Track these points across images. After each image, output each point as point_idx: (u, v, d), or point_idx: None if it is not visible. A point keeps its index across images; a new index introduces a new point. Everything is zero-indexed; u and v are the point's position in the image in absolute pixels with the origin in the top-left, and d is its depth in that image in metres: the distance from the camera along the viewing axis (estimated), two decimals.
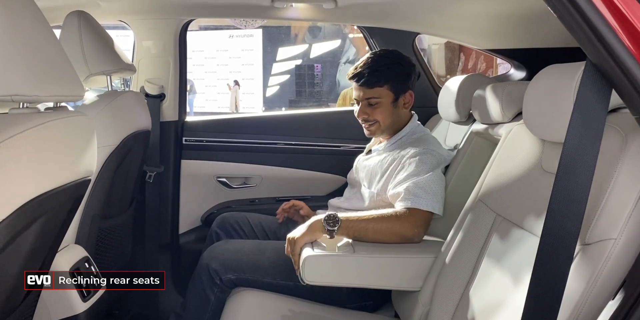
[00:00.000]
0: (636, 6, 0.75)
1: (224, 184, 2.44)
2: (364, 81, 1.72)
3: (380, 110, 1.73)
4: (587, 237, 0.86)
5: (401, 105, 1.76)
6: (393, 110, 1.74)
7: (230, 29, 10.89)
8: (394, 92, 1.72)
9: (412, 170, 1.59)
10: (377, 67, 1.71)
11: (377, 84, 1.71)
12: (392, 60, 1.74)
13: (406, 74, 1.75)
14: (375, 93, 1.72)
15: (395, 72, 1.72)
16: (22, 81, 0.85)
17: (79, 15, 1.63)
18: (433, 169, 1.60)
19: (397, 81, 1.72)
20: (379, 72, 1.71)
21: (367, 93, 1.73)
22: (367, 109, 1.74)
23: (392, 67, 1.73)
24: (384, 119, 1.74)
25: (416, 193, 1.54)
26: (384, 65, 1.72)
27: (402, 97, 1.75)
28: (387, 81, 1.71)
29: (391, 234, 1.48)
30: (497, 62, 5.44)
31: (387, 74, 1.71)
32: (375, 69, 1.71)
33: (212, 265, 1.63)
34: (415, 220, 1.51)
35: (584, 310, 0.83)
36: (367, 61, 1.74)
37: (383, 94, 1.72)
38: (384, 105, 1.73)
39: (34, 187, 0.86)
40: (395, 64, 1.74)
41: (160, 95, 2.34)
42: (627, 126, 0.87)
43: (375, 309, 1.68)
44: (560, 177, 0.82)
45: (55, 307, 1.34)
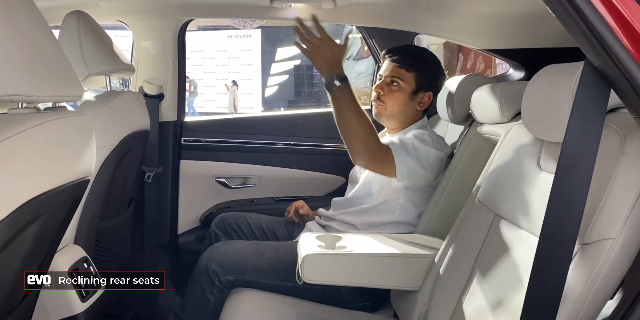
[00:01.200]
0: (635, 6, 0.75)
1: (223, 184, 2.44)
2: (399, 58, 1.75)
3: (396, 94, 1.76)
4: (586, 236, 0.86)
5: (417, 101, 1.78)
6: (407, 101, 1.77)
7: (229, 29, 10.88)
8: (417, 84, 1.76)
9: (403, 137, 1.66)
10: (417, 54, 1.77)
11: (408, 67, 1.75)
12: (431, 57, 1.81)
13: (436, 75, 1.80)
14: (401, 74, 1.75)
15: (428, 65, 1.77)
16: (21, 81, 0.85)
17: (78, 16, 1.63)
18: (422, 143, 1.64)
19: (424, 75, 1.76)
20: (417, 58, 1.76)
21: (394, 71, 1.76)
22: (386, 87, 1.77)
23: (427, 61, 1.78)
24: (393, 105, 1.77)
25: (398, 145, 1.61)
26: (423, 56, 1.78)
27: (421, 93, 1.78)
28: (418, 69, 1.75)
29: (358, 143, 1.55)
30: (496, 62, 5.45)
31: (420, 63, 1.76)
32: (413, 55, 1.76)
33: (211, 266, 1.63)
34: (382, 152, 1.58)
35: (582, 309, 0.84)
36: (411, 46, 1.82)
37: (407, 80, 1.75)
38: (402, 91, 1.76)
39: (32, 187, 0.86)
40: (432, 62, 1.80)
41: (159, 96, 2.34)
42: (625, 126, 0.87)
43: (374, 309, 1.68)
44: (559, 177, 0.83)
45: (54, 307, 1.34)
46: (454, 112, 1.89)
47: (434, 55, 1.85)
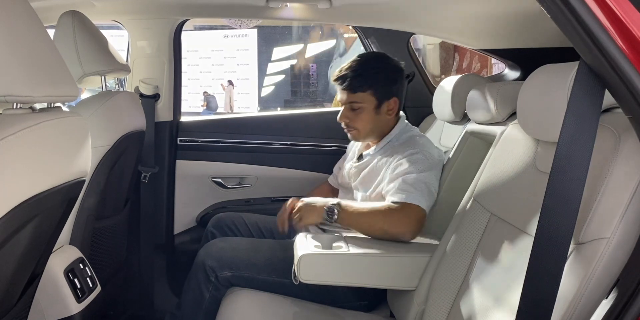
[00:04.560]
0: (629, 6, 0.76)
1: (219, 184, 2.44)
2: (347, 85, 1.67)
3: (361, 116, 1.68)
4: (581, 236, 0.86)
5: (384, 111, 1.70)
6: (375, 116, 1.69)
7: (225, 29, 10.86)
8: (377, 98, 1.67)
9: (402, 169, 1.58)
10: (362, 71, 1.66)
11: (359, 89, 1.66)
12: (379, 64, 1.69)
13: (392, 79, 1.70)
14: (357, 98, 1.67)
15: (380, 77, 1.67)
16: (16, 82, 0.85)
17: (73, 15, 1.63)
18: (425, 170, 1.58)
19: (381, 87, 1.67)
20: (363, 76, 1.65)
21: (349, 97, 1.68)
22: (349, 113, 1.70)
23: (377, 72, 1.67)
24: (364, 126, 1.70)
25: (405, 188, 1.53)
26: (369, 69, 1.66)
27: (385, 103, 1.69)
28: (371, 86, 1.66)
29: (380, 230, 1.50)
30: (492, 62, 5.46)
31: (371, 79, 1.66)
32: (359, 73, 1.66)
33: (208, 262, 1.63)
34: (404, 216, 1.49)
35: (577, 309, 0.84)
36: (353, 64, 1.68)
37: (366, 99, 1.67)
38: (365, 111, 1.68)
39: (27, 187, 0.85)
40: (381, 69, 1.68)
41: (155, 96, 2.33)
42: (620, 126, 0.88)
43: (371, 308, 1.68)
44: (554, 176, 0.83)
45: (50, 308, 1.34)
46: (449, 112, 1.90)
47: (383, 58, 1.73)
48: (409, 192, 1.52)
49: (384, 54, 1.76)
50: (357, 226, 1.53)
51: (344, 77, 1.67)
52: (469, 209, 1.35)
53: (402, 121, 1.78)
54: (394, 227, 1.48)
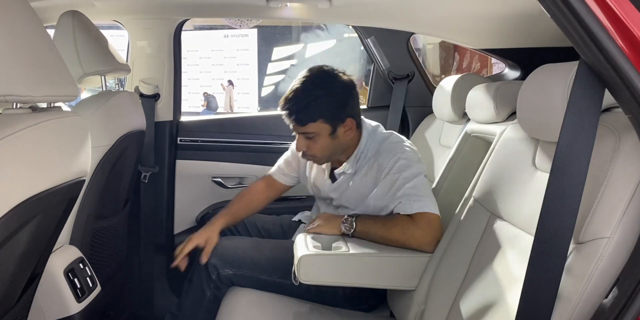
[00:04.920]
0: (629, 6, 0.76)
1: (219, 184, 2.44)
2: (294, 119, 1.56)
3: (318, 143, 1.58)
4: (581, 236, 0.86)
5: (341, 134, 1.58)
6: (332, 141, 1.58)
7: (225, 29, 10.85)
8: (330, 124, 1.56)
9: (397, 182, 1.53)
10: (307, 103, 1.53)
11: (309, 121, 1.54)
12: (322, 91, 1.55)
13: (342, 102, 1.57)
14: (309, 129, 1.56)
15: (326, 104, 1.54)
16: (16, 81, 0.85)
17: (73, 15, 1.63)
18: (417, 174, 1.55)
19: (331, 113, 1.55)
20: (309, 108, 1.53)
21: (301, 129, 1.57)
22: (305, 142, 1.59)
23: (323, 100, 1.54)
24: (322, 153, 1.61)
25: (411, 199, 1.50)
26: (315, 99, 1.53)
27: (340, 127, 1.57)
28: (320, 116, 1.54)
29: (401, 245, 1.48)
30: (492, 62, 5.46)
31: (319, 108, 1.53)
32: (304, 106, 1.53)
33: (211, 259, 1.63)
34: (422, 228, 1.46)
35: (577, 308, 0.84)
36: (296, 95, 1.55)
37: (318, 128, 1.55)
38: (321, 138, 1.57)
39: (27, 187, 0.85)
40: (328, 94, 1.55)
41: (155, 95, 2.33)
42: (620, 125, 0.88)
43: (371, 308, 1.68)
44: (554, 176, 0.83)
45: (50, 308, 1.34)
46: (449, 112, 1.90)
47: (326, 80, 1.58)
48: (416, 202, 1.49)
49: (329, 72, 1.61)
50: (375, 240, 1.51)
51: (289, 111, 1.56)
52: (468, 208, 1.35)
53: (365, 133, 1.66)
54: (415, 241, 1.46)
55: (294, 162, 1.89)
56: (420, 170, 1.57)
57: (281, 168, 1.92)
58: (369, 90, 2.62)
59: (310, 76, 1.59)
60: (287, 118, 1.58)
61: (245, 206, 1.87)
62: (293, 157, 1.88)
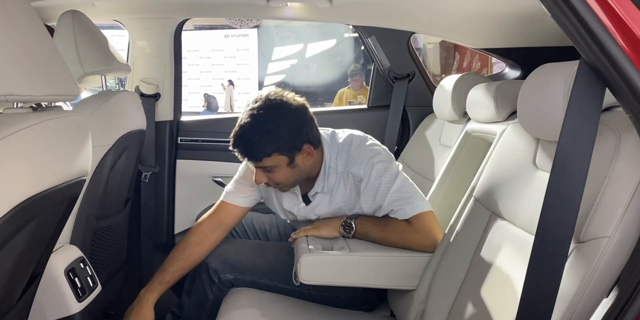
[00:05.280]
0: (629, 5, 0.76)
1: (220, 183, 2.44)
2: (248, 158, 1.47)
3: (278, 174, 1.49)
4: (582, 235, 0.86)
5: (300, 162, 1.49)
6: (292, 170, 1.49)
7: (226, 29, 10.86)
8: (286, 155, 1.46)
9: (380, 189, 1.50)
10: (257, 139, 1.43)
11: (263, 157, 1.45)
12: (272, 124, 1.44)
13: (294, 131, 1.46)
14: (265, 163, 1.46)
15: (279, 136, 1.44)
16: (16, 81, 0.85)
17: (73, 15, 1.63)
18: (397, 174, 1.52)
19: (285, 145, 1.45)
20: (260, 143, 1.43)
21: (257, 165, 1.48)
22: (264, 175, 1.50)
23: (274, 133, 1.43)
24: (286, 181, 1.52)
25: (401, 203, 1.49)
26: (264, 133, 1.43)
27: (298, 155, 1.48)
28: (273, 150, 1.44)
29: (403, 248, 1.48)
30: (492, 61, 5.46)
31: (270, 142, 1.43)
32: (255, 142, 1.43)
33: (212, 263, 1.63)
34: (420, 230, 1.46)
35: (578, 307, 0.84)
36: (244, 130, 1.44)
37: (275, 162, 1.46)
38: (280, 169, 1.48)
39: (28, 187, 0.85)
40: (276, 127, 1.44)
41: (155, 95, 2.33)
42: (620, 125, 0.88)
43: (371, 308, 1.68)
44: (554, 175, 0.83)
45: (51, 307, 1.34)
46: (450, 111, 1.90)
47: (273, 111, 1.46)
48: (407, 205, 1.49)
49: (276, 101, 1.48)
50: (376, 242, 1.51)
51: (241, 148, 1.46)
52: (469, 208, 1.35)
53: (326, 144, 1.57)
54: (416, 244, 1.46)
55: (247, 185, 1.71)
56: (396, 167, 1.54)
57: (235, 191, 1.73)
58: (369, 89, 2.62)
59: (257, 108, 1.45)
60: (239, 155, 1.48)
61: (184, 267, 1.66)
62: (246, 181, 1.70)
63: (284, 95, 1.50)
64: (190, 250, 1.67)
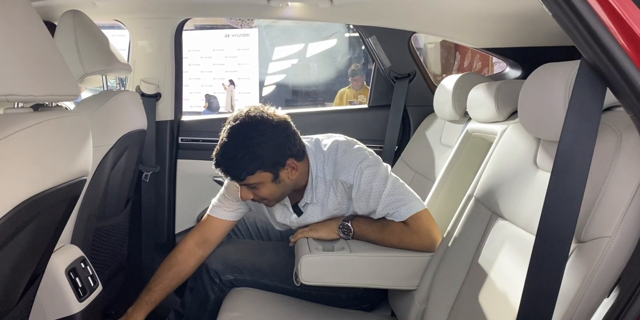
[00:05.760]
0: (631, 5, 0.76)
1: (220, 183, 2.43)
2: (231, 177, 1.45)
3: (263, 190, 1.47)
4: (582, 235, 0.86)
5: (285, 177, 1.47)
6: (277, 186, 1.47)
7: (226, 29, 10.86)
8: (270, 172, 1.44)
9: (372, 194, 1.48)
10: (240, 157, 1.40)
11: (246, 175, 1.42)
12: (253, 141, 1.42)
13: (276, 148, 1.44)
14: (249, 181, 1.44)
15: (261, 154, 1.42)
16: (17, 81, 0.85)
17: (74, 15, 1.63)
18: (387, 176, 1.50)
19: (268, 162, 1.43)
20: (243, 162, 1.41)
21: (242, 183, 1.46)
22: (249, 191, 1.48)
23: (256, 151, 1.41)
24: (272, 195, 1.50)
25: (396, 205, 1.48)
26: (246, 152, 1.40)
27: (282, 171, 1.46)
28: (256, 168, 1.42)
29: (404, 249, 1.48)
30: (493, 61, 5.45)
31: (253, 160, 1.41)
32: (237, 161, 1.41)
33: (213, 264, 1.63)
34: (418, 231, 1.46)
35: (579, 308, 0.84)
36: (225, 149, 1.43)
37: (259, 179, 1.44)
38: (265, 186, 1.46)
39: (29, 187, 0.85)
40: (258, 145, 1.41)
41: (156, 95, 2.34)
42: (621, 125, 0.87)
43: (372, 308, 1.68)
44: (555, 175, 0.83)
45: (51, 307, 1.34)
46: (450, 111, 1.90)
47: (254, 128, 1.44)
48: (401, 206, 1.48)
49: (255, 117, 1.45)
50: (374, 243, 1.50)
51: (221, 169, 1.44)
52: (470, 207, 1.35)
53: (311, 154, 1.55)
54: (415, 246, 1.46)
55: (233, 200, 1.68)
56: (385, 170, 1.52)
57: (221, 205, 1.70)
58: (370, 89, 2.62)
59: (236, 127, 1.44)
60: (222, 174, 1.46)
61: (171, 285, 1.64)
62: (231, 195, 1.67)
63: (264, 112, 1.47)
64: (176, 268, 1.65)
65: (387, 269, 1.45)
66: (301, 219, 1.61)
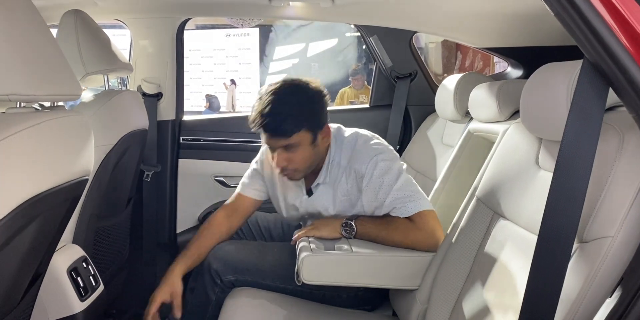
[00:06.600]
0: (633, 5, 0.76)
1: (222, 182, 2.44)
2: (278, 132, 1.46)
3: (299, 155, 1.50)
4: (585, 235, 0.86)
5: (320, 142, 1.52)
6: (313, 150, 1.51)
7: (227, 28, 10.87)
8: (311, 132, 1.48)
9: (384, 186, 1.50)
10: (289, 111, 1.45)
11: (293, 132, 1.45)
12: (300, 98, 1.49)
13: (319, 107, 1.52)
14: (292, 140, 1.46)
15: (307, 111, 1.48)
16: (19, 81, 0.85)
17: (76, 14, 1.63)
18: (400, 172, 1.52)
19: (313, 120, 1.49)
20: (292, 116, 1.45)
21: (284, 142, 1.48)
22: (285, 156, 1.50)
23: (305, 106, 1.48)
24: (303, 164, 1.53)
25: (403, 201, 1.48)
26: (295, 107, 1.46)
27: (319, 134, 1.51)
28: (302, 125, 1.46)
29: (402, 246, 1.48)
30: (494, 61, 5.45)
31: (301, 116, 1.47)
32: (287, 115, 1.45)
33: (213, 265, 1.63)
34: (423, 229, 1.46)
35: (581, 308, 0.84)
36: (274, 105, 1.45)
37: (301, 138, 1.47)
38: (303, 148, 1.49)
39: (31, 186, 0.86)
40: (306, 101, 1.49)
41: (158, 95, 2.34)
42: (624, 124, 0.87)
43: (373, 308, 1.68)
44: (557, 175, 0.83)
45: (53, 306, 1.34)
46: (452, 111, 1.90)
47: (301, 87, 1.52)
48: (409, 202, 1.48)
49: (297, 81, 1.54)
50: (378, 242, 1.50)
51: (270, 124, 1.46)
52: (471, 207, 1.35)
53: (333, 137, 1.60)
54: (419, 244, 1.46)
55: (259, 179, 1.77)
56: (400, 167, 1.54)
57: (249, 183, 1.78)
58: (371, 89, 2.62)
59: (280, 87, 1.50)
60: (266, 133, 1.48)
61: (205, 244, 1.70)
62: (257, 175, 1.77)
63: (302, 79, 1.55)
64: (208, 231, 1.74)
65: (388, 268, 1.45)
66: (311, 199, 1.64)
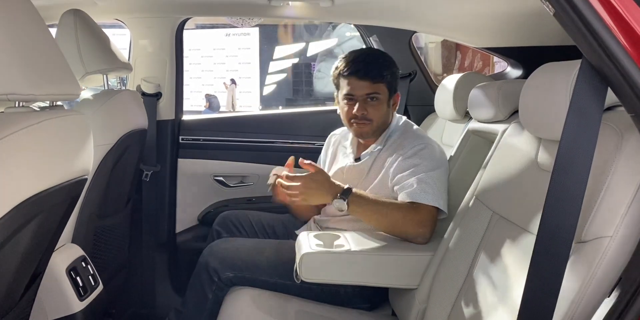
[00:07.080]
0: (632, 5, 0.76)
1: (221, 182, 2.44)
2: (369, 74, 1.60)
3: (377, 107, 1.63)
4: (583, 235, 0.86)
5: (391, 106, 1.68)
6: (387, 109, 1.66)
7: (227, 28, 10.86)
8: (389, 90, 1.64)
9: (414, 166, 1.55)
10: (381, 60, 1.64)
11: (379, 79, 1.61)
12: (389, 57, 1.69)
13: (397, 73, 1.70)
14: (377, 88, 1.61)
15: (392, 69, 1.66)
16: (18, 80, 0.85)
17: (75, 14, 1.63)
18: (436, 168, 1.56)
19: (393, 79, 1.66)
20: (380, 65, 1.62)
21: (369, 88, 1.61)
22: (366, 105, 1.62)
23: (390, 64, 1.66)
24: (378, 118, 1.64)
25: (422, 188, 1.50)
26: (385, 58, 1.66)
27: (393, 97, 1.68)
28: (387, 77, 1.63)
29: (398, 228, 1.49)
30: (494, 61, 5.45)
31: (387, 69, 1.63)
32: (379, 62, 1.63)
33: (211, 263, 1.63)
34: (420, 218, 1.47)
35: (579, 308, 0.84)
36: (367, 54, 1.67)
37: (382, 91, 1.62)
38: (381, 102, 1.63)
39: (30, 186, 0.86)
40: (391, 62, 1.68)
41: (157, 94, 2.33)
42: (622, 124, 0.87)
43: (372, 307, 1.68)
44: (556, 174, 0.83)
45: (52, 306, 1.34)
46: (451, 111, 1.89)
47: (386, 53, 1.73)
48: (428, 193, 1.49)
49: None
50: (371, 218, 1.50)
51: (362, 67, 1.61)
52: (471, 207, 1.35)
53: (398, 117, 1.76)
54: (414, 228, 1.47)
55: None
56: (445, 165, 1.61)
57: None
58: None
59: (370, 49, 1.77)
60: (354, 77, 1.61)
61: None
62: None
63: None
64: None
65: (387, 267, 1.45)
66: (356, 164, 1.72)
